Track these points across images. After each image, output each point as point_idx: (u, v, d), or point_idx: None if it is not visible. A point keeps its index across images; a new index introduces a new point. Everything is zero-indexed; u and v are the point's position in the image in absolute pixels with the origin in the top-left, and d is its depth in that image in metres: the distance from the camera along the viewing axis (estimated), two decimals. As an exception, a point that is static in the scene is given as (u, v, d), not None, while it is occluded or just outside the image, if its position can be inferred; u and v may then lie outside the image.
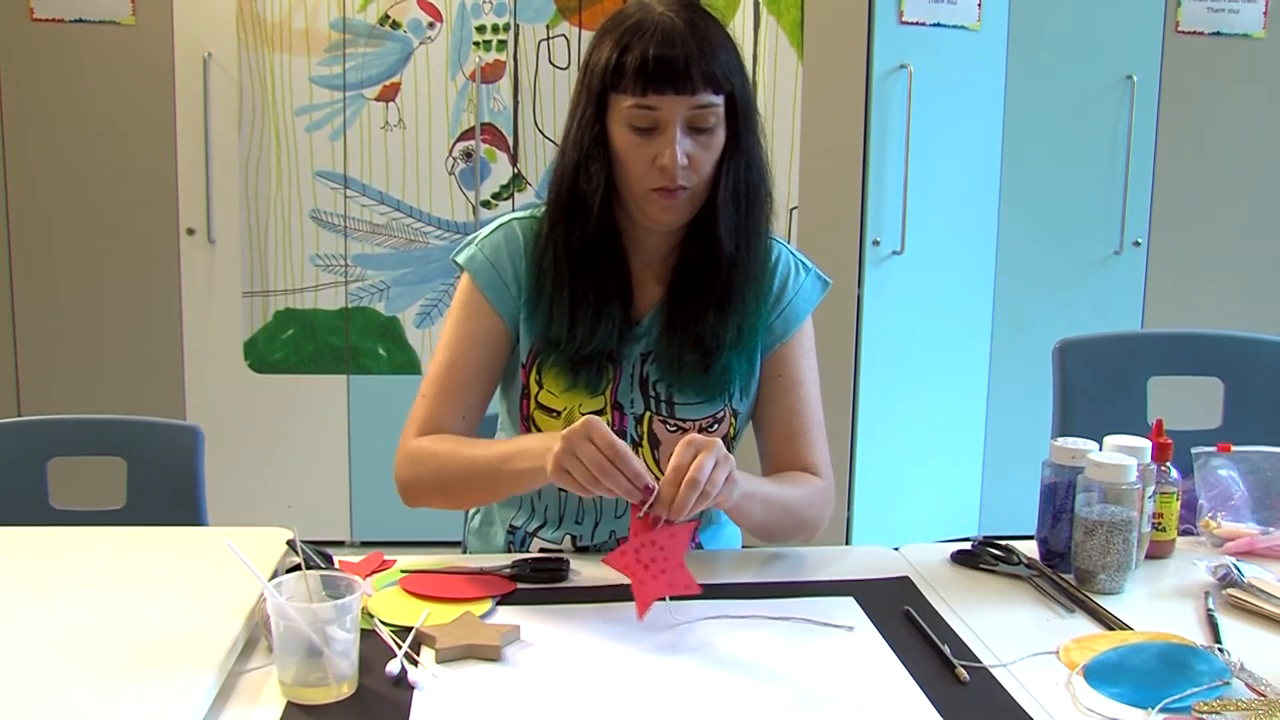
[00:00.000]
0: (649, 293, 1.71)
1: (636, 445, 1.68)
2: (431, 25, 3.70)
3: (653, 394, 1.68)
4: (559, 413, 1.68)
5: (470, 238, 1.74)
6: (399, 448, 1.67)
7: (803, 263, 1.77)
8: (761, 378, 1.73)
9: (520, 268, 1.69)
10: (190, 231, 3.73)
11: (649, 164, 1.57)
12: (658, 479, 1.41)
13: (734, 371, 1.67)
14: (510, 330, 1.70)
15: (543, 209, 1.70)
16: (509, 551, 1.77)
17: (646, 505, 1.40)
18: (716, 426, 1.70)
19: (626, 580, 1.45)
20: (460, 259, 1.72)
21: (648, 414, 1.69)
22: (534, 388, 1.68)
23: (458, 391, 1.68)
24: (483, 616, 1.43)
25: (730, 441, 1.73)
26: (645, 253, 1.70)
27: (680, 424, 1.68)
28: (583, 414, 1.65)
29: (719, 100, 1.57)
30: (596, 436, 1.39)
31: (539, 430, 1.69)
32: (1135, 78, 3.86)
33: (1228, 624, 1.44)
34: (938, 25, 3.71)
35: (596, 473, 1.39)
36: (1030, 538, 1.68)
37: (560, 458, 1.40)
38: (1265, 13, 3.88)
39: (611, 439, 1.39)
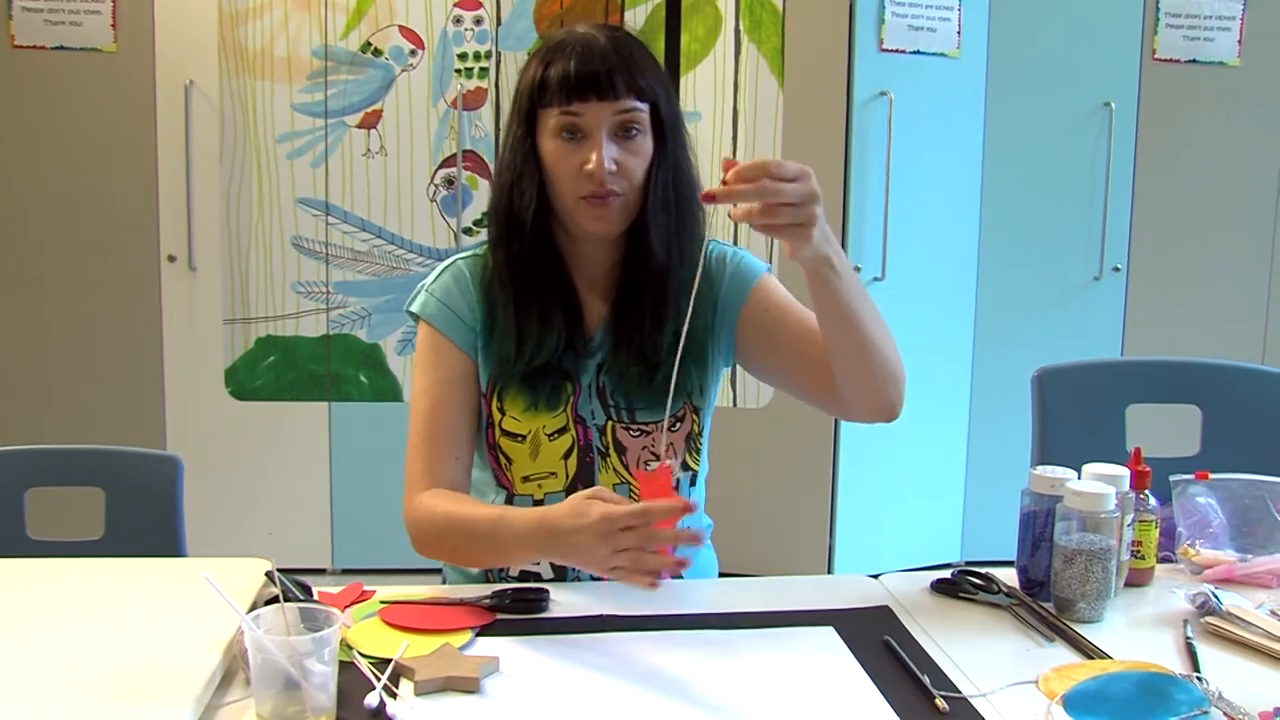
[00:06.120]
0: (596, 308, 1.74)
1: (603, 455, 1.71)
2: (413, 53, 3.71)
3: (611, 403, 1.71)
4: (523, 436, 1.69)
5: (419, 286, 1.76)
6: (404, 506, 1.68)
7: (737, 250, 1.79)
8: (754, 330, 1.72)
9: (472, 301, 1.72)
10: (171, 258, 3.72)
11: (577, 171, 1.60)
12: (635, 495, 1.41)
13: (681, 376, 1.67)
14: (476, 364, 1.72)
15: (485, 248, 1.73)
16: (487, 579, 1.77)
17: None
18: (679, 425, 1.71)
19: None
20: (414, 308, 1.74)
21: (610, 423, 1.71)
22: (496, 415, 1.70)
23: (445, 436, 1.69)
24: (462, 648, 1.42)
25: (697, 439, 1.74)
26: (588, 269, 1.73)
27: (642, 428, 1.71)
28: (546, 434, 1.69)
29: (644, 106, 1.62)
30: (620, 520, 1.40)
31: (506, 457, 1.71)
32: (1113, 105, 3.88)
33: (1206, 652, 1.45)
34: (918, 53, 3.73)
35: (644, 543, 1.41)
36: (1012, 564, 1.68)
37: (617, 564, 1.42)
38: (1240, 41, 3.92)
39: (630, 510, 1.40)
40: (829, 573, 3.83)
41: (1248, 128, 3.96)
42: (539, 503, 1.72)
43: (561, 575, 1.73)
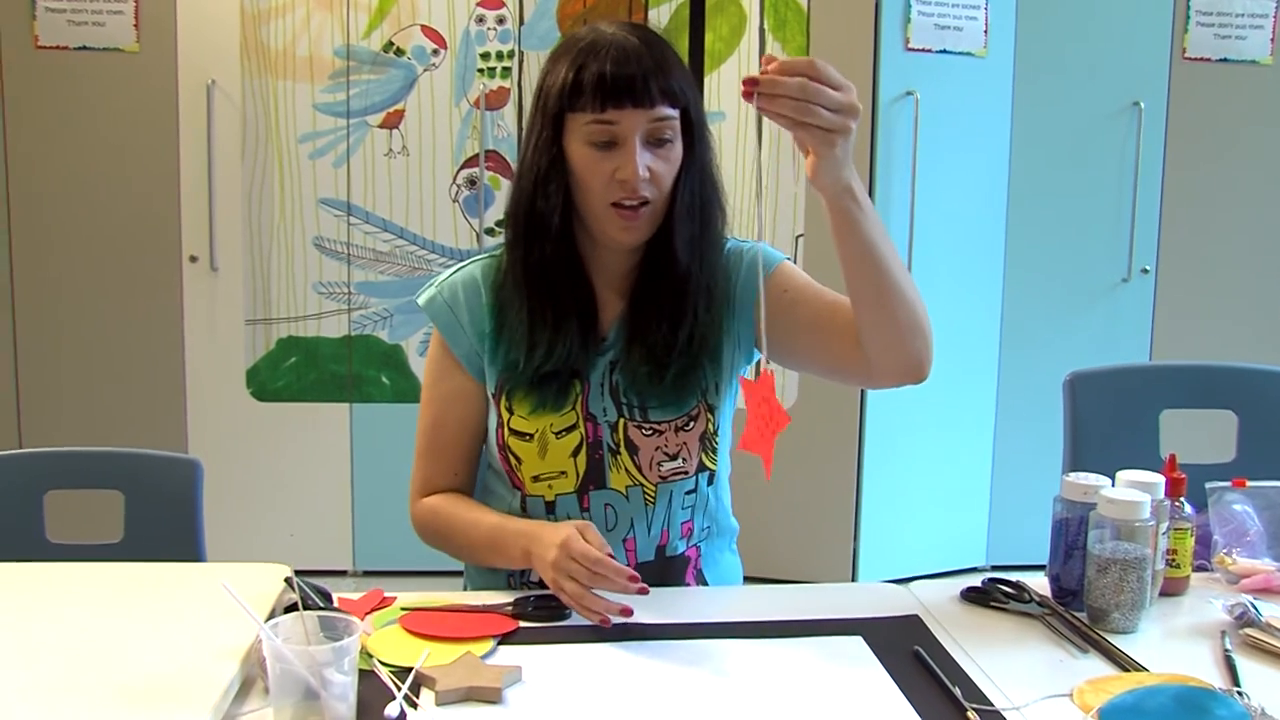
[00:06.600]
0: (612, 306, 1.72)
1: (614, 452, 1.69)
2: (436, 52, 3.70)
3: (624, 401, 1.69)
4: (531, 435, 1.69)
5: (431, 279, 1.77)
6: (409, 508, 1.76)
7: (755, 243, 1.76)
8: (774, 315, 1.67)
9: (477, 310, 1.71)
10: (193, 259, 3.72)
11: (609, 179, 1.58)
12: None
13: (692, 376, 1.67)
14: (478, 379, 1.72)
15: (501, 250, 1.72)
16: (509, 585, 1.76)
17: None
18: (692, 425, 1.69)
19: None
20: (421, 301, 1.75)
21: (622, 420, 1.69)
22: (505, 415, 1.70)
23: (444, 452, 1.76)
24: (484, 657, 1.40)
25: (712, 438, 1.72)
26: (607, 271, 1.72)
27: (655, 426, 1.69)
28: (554, 432, 1.68)
29: (675, 113, 1.60)
30: (576, 553, 1.48)
31: (516, 457, 1.69)
32: (1142, 104, 3.84)
33: (1246, 665, 1.41)
34: (944, 52, 3.70)
35: (589, 582, 1.47)
36: (1038, 567, 1.65)
37: (558, 582, 1.51)
38: (1272, 39, 3.87)
39: (587, 551, 1.47)
40: (853, 576, 3.80)
41: (1280, 127, 3.92)
42: (550, 504, 1.71)
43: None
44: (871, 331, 1.57)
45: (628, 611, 1.47)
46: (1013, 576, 1.66)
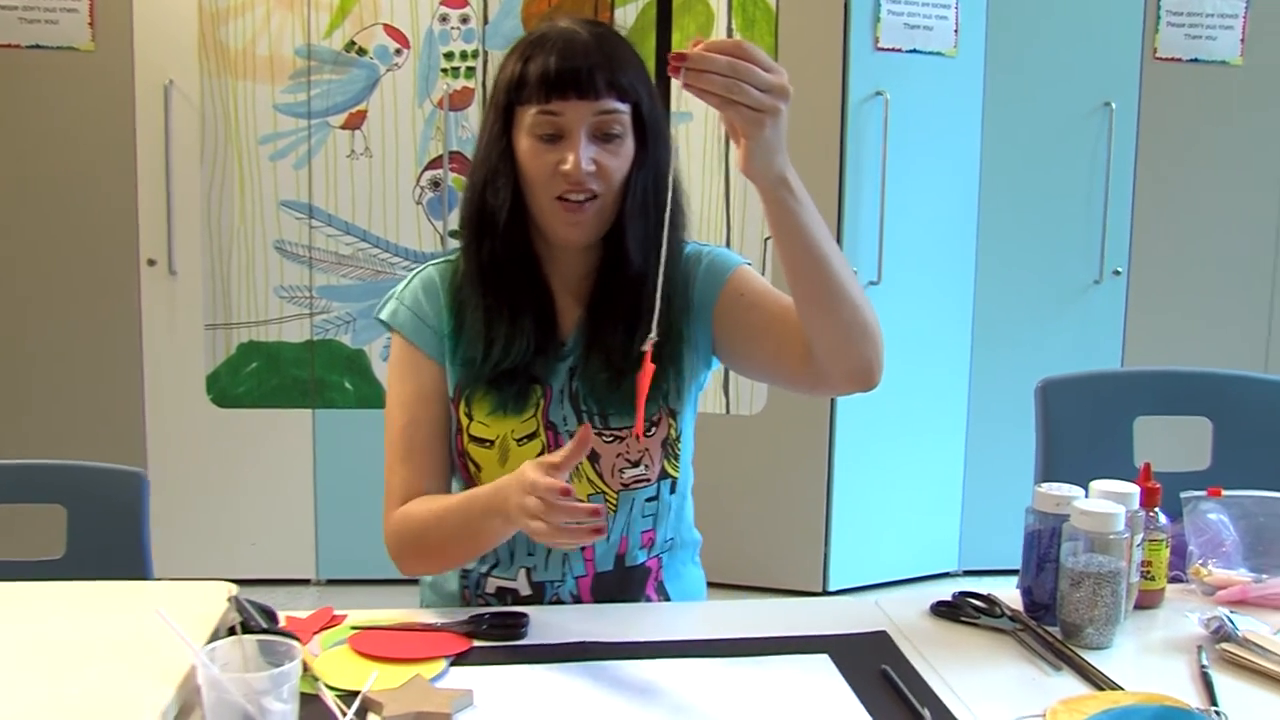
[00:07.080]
0: (571, 312, 1.68)
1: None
2: (399, 52, 3.64)
3: (584, 408, 1.65)
4: (491, 442, 1.64)
5: (389, 293, 1.73)
6: (384, 524, 1.65)
7: (714, 248, 1.74)
8: (730, 319, 1.66)
9: (441, 308, 1.67)
10: (151, 262, 3.65)
11: (553, 170, 1.55)
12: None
13: (653, 381, 1.60)
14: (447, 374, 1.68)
15: (458, 255, 1.69)
16: (464, 600, 1.71)
17: None
18: (654, 430, 1.65)
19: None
20: (384, 316, 1.71)
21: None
22: (464, 420, 1.65)
23: (421, 453, 1.66)
24: (434, 679, 1.34)
25: (674, 444, 1.67)
26: (563, 274, 1.67)
27: (616, 434, 1.64)
28: (515, 439, 1.63)
29: (624, 108, 1.56)
30: (540, 489, 1.37)
31: (475, 465, 1.65)
32: (1113, 104, 3.82)
33: (1223, 682, 1.37)
34: (914, 52, 3.66)
35: (548, 516, 1.36)
36: (1011, 572, 1.61)
37: (524, 523, 1.39)
38: (1242, 40, 3.85)
39: (546, 482, 1.36)
40: (824, 582, 3.76)
41: (1250, 128, 3.90)
42: None
43: (539, 595, 1.67)
44: (817, 332, 1.51)
45: (599, 524, 1.35)
46: (984, 587, 1.62)
